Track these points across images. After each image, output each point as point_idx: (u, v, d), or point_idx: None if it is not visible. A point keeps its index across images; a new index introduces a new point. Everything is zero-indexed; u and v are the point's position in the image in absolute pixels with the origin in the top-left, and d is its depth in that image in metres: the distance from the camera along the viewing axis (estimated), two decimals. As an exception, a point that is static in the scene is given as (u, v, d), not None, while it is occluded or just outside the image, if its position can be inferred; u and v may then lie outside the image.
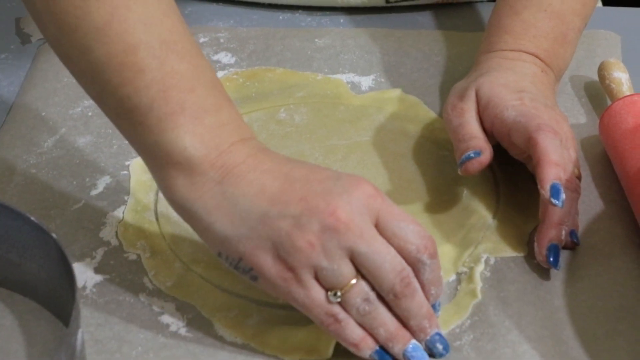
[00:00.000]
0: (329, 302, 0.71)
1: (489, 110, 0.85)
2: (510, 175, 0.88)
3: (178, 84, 0.72)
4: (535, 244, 0.81)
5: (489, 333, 0.76)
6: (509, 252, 0.82)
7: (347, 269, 0.71)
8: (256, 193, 0.71)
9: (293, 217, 0.70)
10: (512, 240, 0.83)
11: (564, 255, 0.81)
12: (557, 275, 0.80)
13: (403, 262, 0.72)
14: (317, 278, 0.71)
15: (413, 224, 0.72)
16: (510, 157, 0.87)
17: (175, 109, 0.72)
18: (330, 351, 0.74)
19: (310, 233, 0.70)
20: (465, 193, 0.87)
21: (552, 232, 0.80)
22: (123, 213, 0.86)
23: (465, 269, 0.81)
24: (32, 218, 0.74)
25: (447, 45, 1.04)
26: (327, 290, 0.71)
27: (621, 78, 0.93)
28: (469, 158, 0.83)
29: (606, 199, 0.86)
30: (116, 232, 0.84)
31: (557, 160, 0.79)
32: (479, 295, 0.79)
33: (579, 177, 0.83)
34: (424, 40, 1.04)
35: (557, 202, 0.78)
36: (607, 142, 0.89)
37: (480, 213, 0.85)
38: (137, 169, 0.89)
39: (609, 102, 0.92)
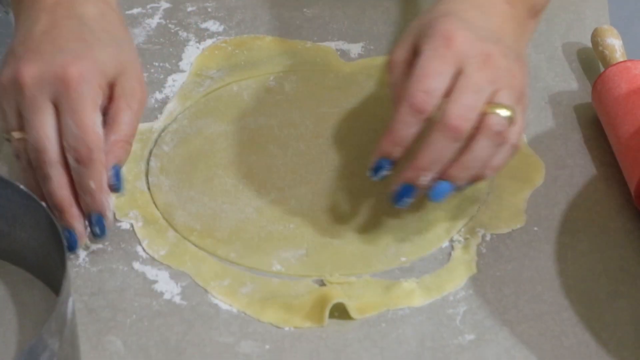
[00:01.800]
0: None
1: None
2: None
3: None
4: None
5: (486, 309, 0.76)
6: (505, 228, 0.82)
7: (12, 121, 0.76)
8: (28, 25, 0.78)
9: (13, 60, 0.76)
10: (508, 213, 0.83)
11: (560, 217, 0.81)
12: (556, 240, 0.80)
13: (47, 144, 0.75)
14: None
15: (78, 126, 0.74)
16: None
17: None
18: (325, 319, 0.74)
19: (4, 76, 0.76)
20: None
21: (411, 174, 0.76)
22: (114, 182, 0.85)
23: (460, 238, 0.81)
24: (22, 187, 0.73)
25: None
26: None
27: (614, 44, 0.93)
28: None
29: (599, 163, 0.86)
30: (108, 201, 0.84)
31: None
32: (475, 269, 0.78)
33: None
34: (411, 10, 1.03)
35: (374, 177, 0.78)
36: (600, 108, 0.89)
37: (473, 186, 0.85)
38: (127, 138, 0.88)
39: (602, 68, 0.92)
